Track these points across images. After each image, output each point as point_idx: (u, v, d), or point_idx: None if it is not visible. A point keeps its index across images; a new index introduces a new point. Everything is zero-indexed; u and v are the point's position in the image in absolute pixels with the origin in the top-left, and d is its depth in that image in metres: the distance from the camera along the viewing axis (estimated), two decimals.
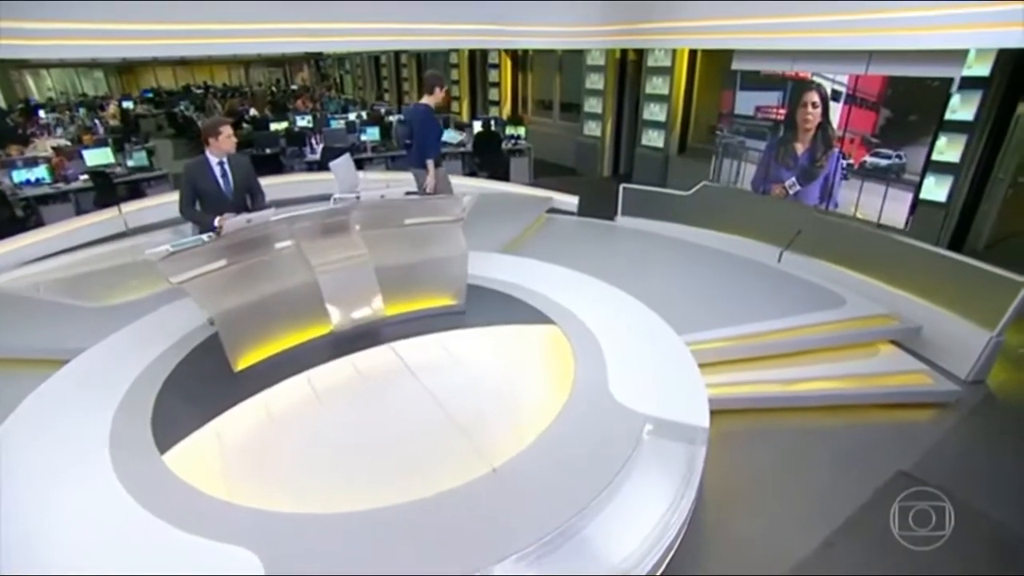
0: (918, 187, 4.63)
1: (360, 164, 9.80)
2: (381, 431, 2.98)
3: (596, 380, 3.24)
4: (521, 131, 10.82)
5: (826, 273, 5.32)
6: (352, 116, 12.58)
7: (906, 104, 4.54)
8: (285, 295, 3.49)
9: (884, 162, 4.72)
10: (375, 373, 3.43)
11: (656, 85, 9.99)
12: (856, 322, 4.56)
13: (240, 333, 3.32)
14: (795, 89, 5.18)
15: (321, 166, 9.40)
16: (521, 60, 14.64)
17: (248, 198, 4.05)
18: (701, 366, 3.45)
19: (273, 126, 11.21)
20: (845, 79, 4.83)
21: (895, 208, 4.78)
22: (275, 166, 9.54)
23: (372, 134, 10.13)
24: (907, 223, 4.76)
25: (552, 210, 7.50)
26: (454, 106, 16.92)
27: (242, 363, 3.32)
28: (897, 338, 4.61)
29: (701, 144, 9.95)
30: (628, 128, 11.43)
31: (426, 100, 5.01)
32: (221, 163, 3.82)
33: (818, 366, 4.28)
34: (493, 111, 15.10)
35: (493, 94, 15.34)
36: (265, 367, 3.36)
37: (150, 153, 9.06)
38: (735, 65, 5.83)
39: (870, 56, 4.78)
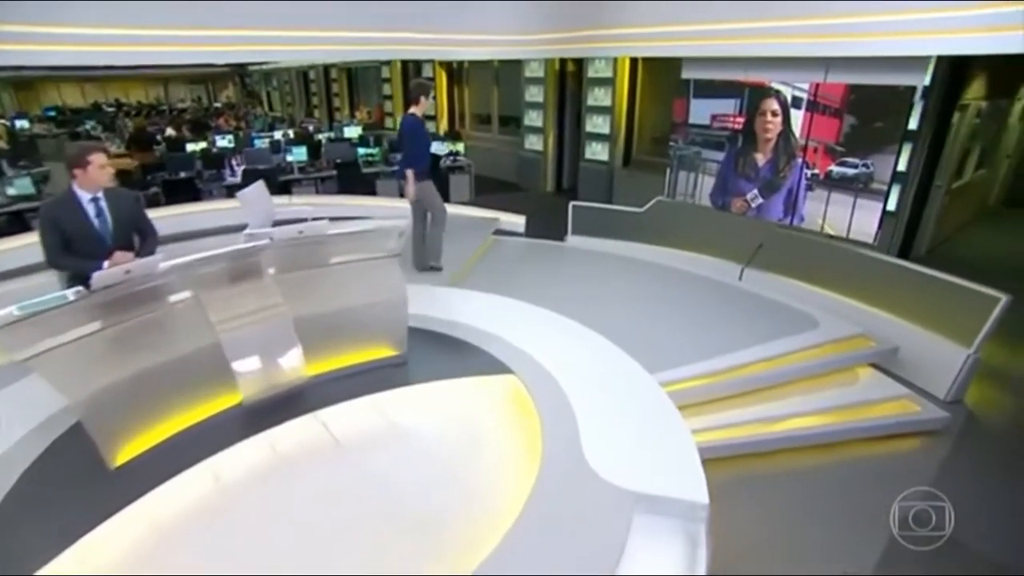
0: (887, 197, 4.38)
1: (287, 187, 9.02)
2: (307, 536, 2.33)
3: (568, 446, 2.69)
4: (460, 147, 10.29)
5: (794, 292, 5.02)
6: (278, 135, 11.71)
7: (871, 110, 4.29)
8: (179, 362, 2.78)
9: (851, 171, 4.46)
10: (298, 453, 2.77)
11: (598, 97, 9.69)
12: (833, 346, 4.24)
13: (117, 417, 2.59)
14: (753, 96, 4.89)
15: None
16: (457, 73, 14.17)
17: (137, 239, 3.34)
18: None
19: (190, 147, 10.23)
20: (806, 84, 4.57)
21: (864, 220, 4.52)
22: (190, 192, 8.61)
23: (299, 154, 9.36)
24: (876, 236, 4.50)
25: (499, 232, 6.98)
26: (387, 122, 16.25)
27: (121, 456, 2.59)
28: (875, 360, 4.32)
29: (646, 157, 9.71)
30: (571, 141, 11.11)
31: (412, 110, 4.88)
32: (95, 199, 3.10)
33: (799, 398, 3.92)
34: (430, 127, 14.51)
35: (429, 109, 14.74)
36: (153, 458, 2.64)
37: (39, 179, 7.97)
38: (685, 74, 5.52)
39: (828, 64, 4.53)
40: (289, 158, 9.33)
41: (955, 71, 5.26)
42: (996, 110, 7.73)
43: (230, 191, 8.81)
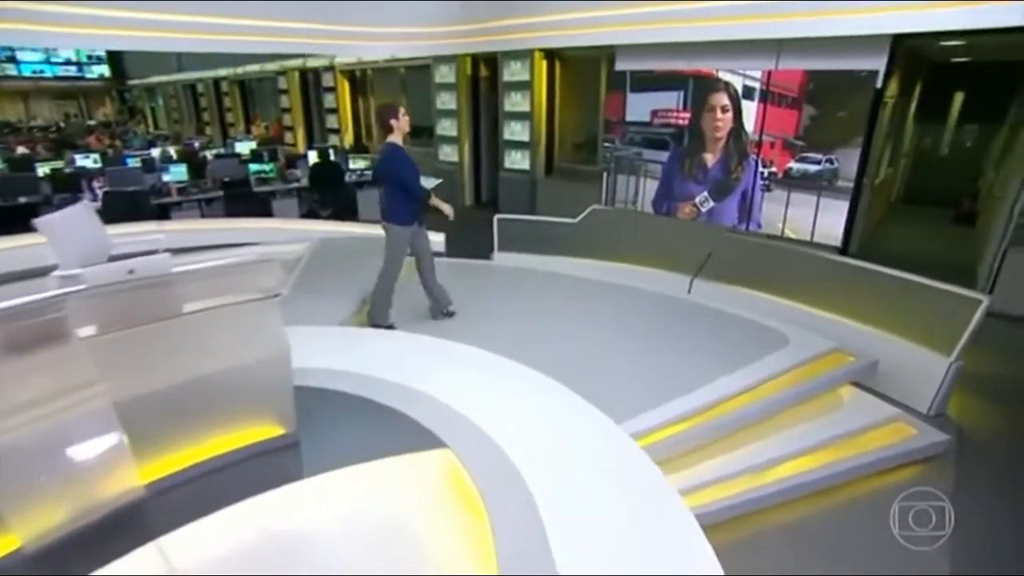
0: (854, 195, 3.93)
1: (164, 211, 7.70)
2: None
3: (530, 544, 1.90)
4: (363, 163, 9.34)
5: (756, 305, 4.50)
6: (156, 153, 10.24)
7: (833, 99, 3.85)
8: None
9: (813, 168, 3.99)
10: None
11: (515, 102, 9.06)
12: (810, 367, 3.70)
13: None
14: (699, 89, 4.37)
15: (106, 216, 7.16)
16: (360, 82, 13.18)
17: None
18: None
19: (41, 168, 8.64)
20: (759, 73, 4.07)
21: (831, 221, 4.06)
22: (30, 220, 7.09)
23: (177, 173, 8.05)
24: (846, 238, 4.04)
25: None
26: (287, 137, 14.93)
27: None
28: (856, 378, 3.83)
29: (570, 164, 9.16)
30: (488, 151, 10.42)
31: (391, 138, 4.02)
32: None
33: (785, 435, 3.33)
34: (333, 140, 13.40)
35: (332, 121, 13.65)
36: None
37: None
38: (620, 64, 4.93)
39: (779, 48, 4.05)
40: (166, 178, 8.00)
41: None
42: (903, 109, 7.79)
43: None
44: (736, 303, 4.55)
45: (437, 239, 6.24)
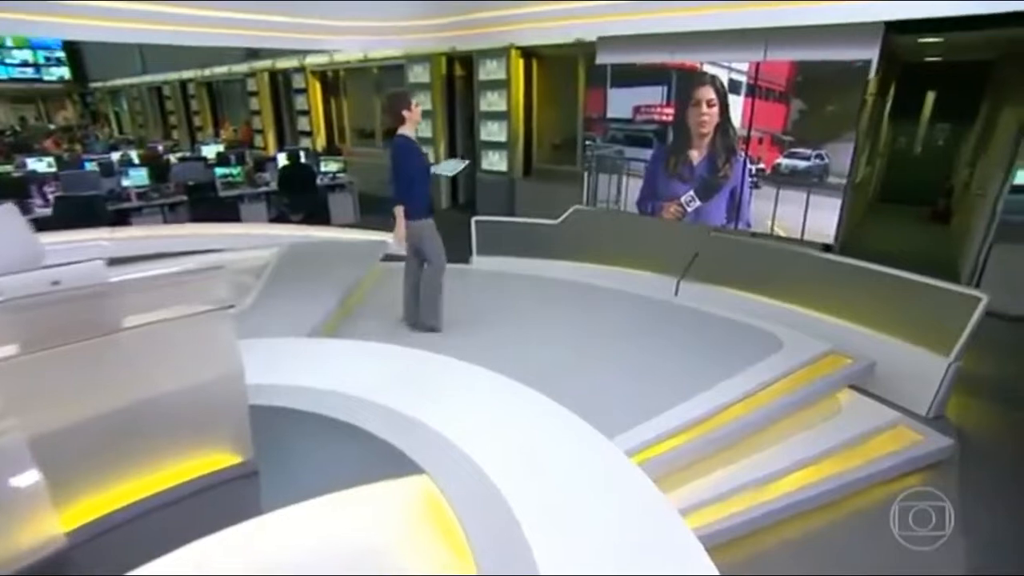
0: (846, 191, 3.79)
1: (123, 217, 7.31)
2: None
3: None
4: (335, 166, 9.02)
5: (745, 306, 4.34)
6: (115, 156, 9.79)
7: (822, 92, 3.70)
8: None
9: (803, 164, 3.84)
10: None
11: (492, 101, 8.85)
12: (807, 371, 3.53)
13: None
14: (683, 83, 4.19)
15: (58, 222, 6.74)
16: (333, 84, 12.85)
17: None
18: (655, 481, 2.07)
19: None
20: (745, 65, 3.91)
21: (822, 219, 3.91)
22: None
23: (138, 177, 7.66)
24: (837, 236, 3.90)
25: (389, 257, 5.82)
26: (257, 140, 14.52)
27: None
28: (854, 381, 3.68)
29: (549, 165, 8.99)
30: (464, 152, 10.18)
31: (402, 130, 3.84)
32: None
33: (786, 444, 3.15)
34: (305, 143, 13.03)
35: (304, 124, 13.29)
36: None
37: None
38: (600, 58, 4.74)
39: (767, 39, 3.89)
40: (125, 182, 7.60)
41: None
42: (879, 108, 7.77)
43: (40, 225, 6.95)
44: (725, 305, 4.38)
45: None
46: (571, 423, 2.39)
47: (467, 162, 4.59)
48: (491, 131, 8.99)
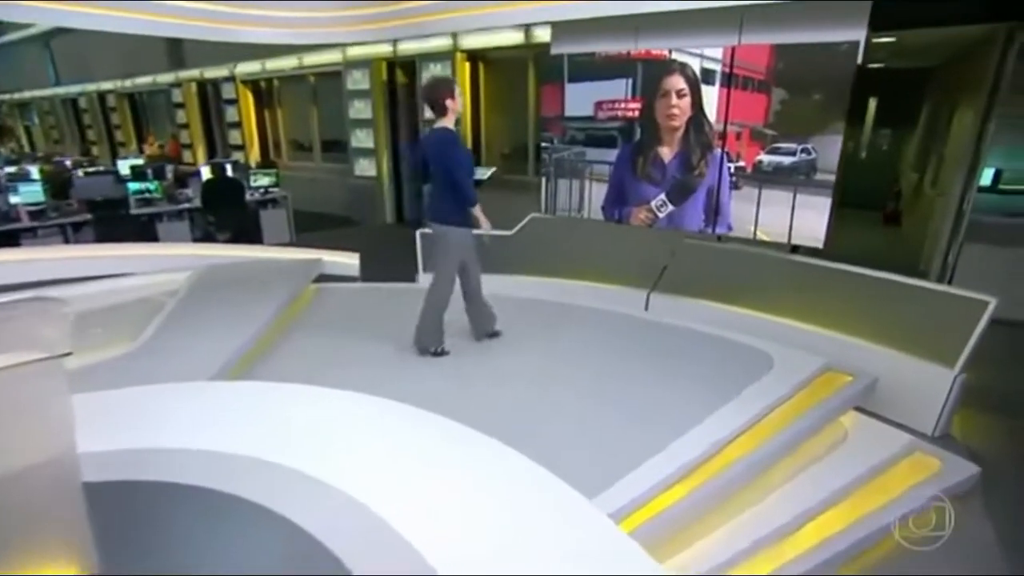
0: (836, 188, 3.40)
1: (12, 238, 6.37)
2: None
3: None
4: (267, 180, 8.27)
5: (725, 319, 3.90)
6: (10, 169, 8.73)
7: (806, 79, 3.32)
8: None
9: (787, 160, 3.45)
10: None
11: None
12: (806, 393, 3.09)
13: None
14: (649, 73, 3.76)
15: None
16: (267, 93, 12.03)
17: None
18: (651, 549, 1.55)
19: None
20: (719, 52, 3.51)
21: (810, 220, 3.51)
22: None
23: (29, 194, 6.68)
24: (826, 240, 3.51)
25: (324, 277, 5.15)
26: (187, 155, 13.50)
27: None
28: (857, 401, 3.26)
29: (502, 173, 8.47)
30: (410, 163, 9.57)
31: (442, 123, 3.38)
32: None
33: (792, 485, 2.67)
34: (237, 157, 12.13)
35: (235, 137, 12.39)
36: None
37: None
38: (555, 48, 4.26)
39: (742, 18, 3.49)
40: (14, 200, 6.62)
41: None
42: None
43: None
44: (704, 319, 3.93)
45: (350, 261, 5.33)
46: (540, 479, 1.80)
47: (494, 168, 4.15)
48: None
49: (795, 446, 2.79)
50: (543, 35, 4.62)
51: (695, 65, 3.58)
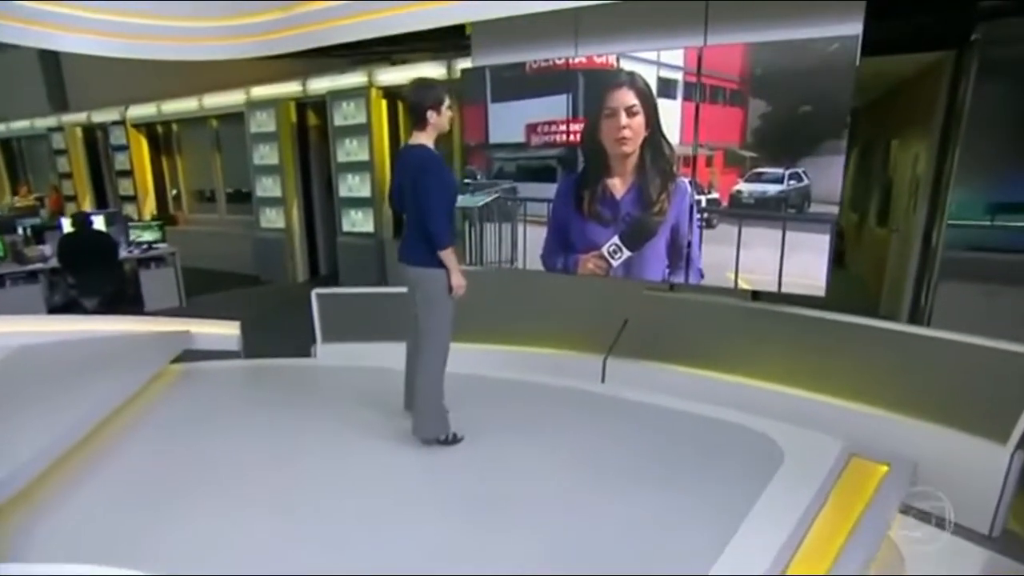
0: (836, 221, 2.68)
1: None
2: None
3: None
4: (150, 235, 7.06)
5: (702, 389, 3.07)
6: None
7: (792, 88, 2.62)
8: None
9: (773, 188, 2.71)
10: None
11: (350, 150, 7.41)
12: (842, 496, 2.25)
13: None
14: (593, 87, 3.00)
15: None
16: (164, 139, 10.80)
17: None
18: None
19: None
20: (679, 56, 2.78)
21: (806, 263, 2.75)
22: None
23: None
24: (828, 286, 2.75)
25: (194, 354, 4.00)
26: (71, 208, 11.90)
27: None
28: (902, 499, 2.43)
29: None
30: (323, 213, 8.56)
31: (419, 139, 2.59)
32: None
33: None
34: (130, 210, 10.74)
35: (127, 187, 10.99)
36: None
37: None
38: (477, 59, 3.46)
39: (707, 13, 2.78)
40: None
41: None
42: None
43: None
44: (673, 389, 3.10)
45: (231, 332, 4.21)
46: None
47: (496, 195, 3.17)
48: (352, 185, 7.47)
49: None
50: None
51: (649, 73, 2.85)
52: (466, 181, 3.61)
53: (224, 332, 4.15)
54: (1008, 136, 4.12)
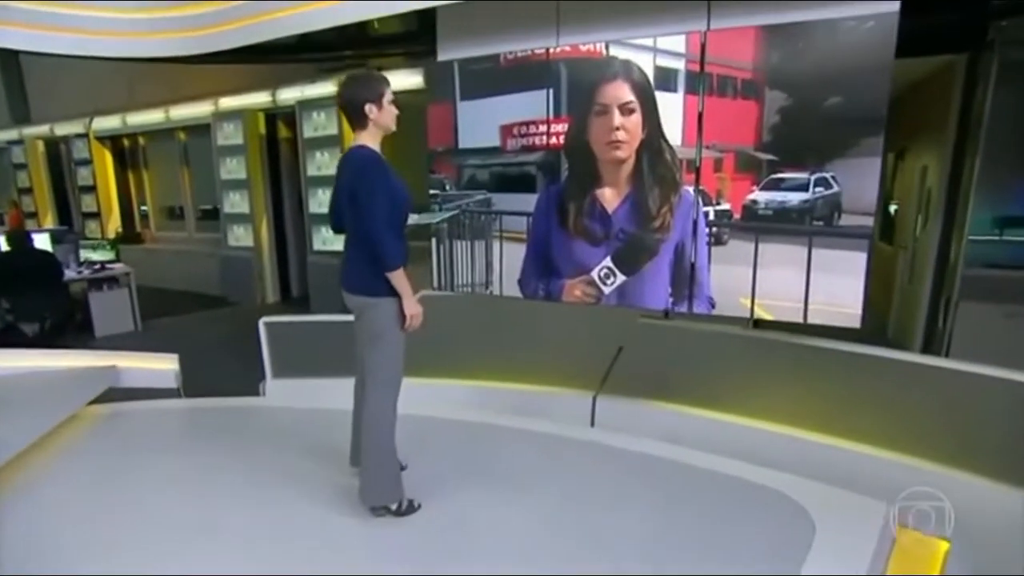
0: (873, 240, 2.23)
1: None
2: None
3: None
4: (100, 255, 6.53)
5: (702, 433, 2.59)
6: None
7: (817, 76, 2.19)
8: None
9: (795, 197, 2.26)
10: None
11: (322, 164, 6.94)
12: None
13: None
14: (578, 79, 2.55)
15: None
16: (131, 153, 10.28)
17: None
18: None
19: None
20: (680, 43, 2.34)
21: (836, 287, 2.29)
22: None
23: None
24: (864, 316, 2.29)
25: (123, 393, 3.45)
26: (31, 225, 11.28)
27: None
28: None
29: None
30: (294, 230, 8.06)
31: (361, 139, 2.12)
32: None
33: None
34: (93, 227, 10.19)
35: (90, 203, 10.44)
36: None
37: None
38: (443, 53, 3.00)
39: None
40: None
41: None
42: None
43: None
44: (671, 433, 2.62)
45: (168, 367, 3.66)
46: None
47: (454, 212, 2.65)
48: (323, 201, 6.97)
49: None
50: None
51: (646, 62, 2.41)
52: (432, 192, 3.13)
53: (159, 367, 3.60)
54: None
